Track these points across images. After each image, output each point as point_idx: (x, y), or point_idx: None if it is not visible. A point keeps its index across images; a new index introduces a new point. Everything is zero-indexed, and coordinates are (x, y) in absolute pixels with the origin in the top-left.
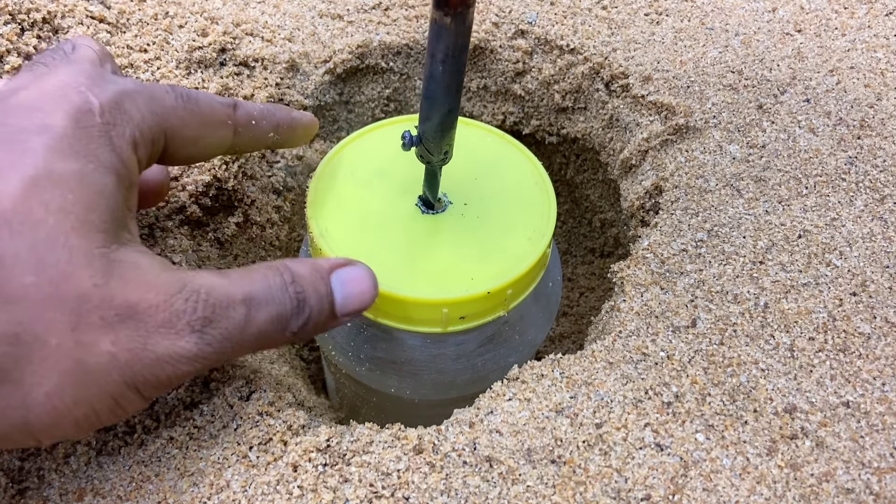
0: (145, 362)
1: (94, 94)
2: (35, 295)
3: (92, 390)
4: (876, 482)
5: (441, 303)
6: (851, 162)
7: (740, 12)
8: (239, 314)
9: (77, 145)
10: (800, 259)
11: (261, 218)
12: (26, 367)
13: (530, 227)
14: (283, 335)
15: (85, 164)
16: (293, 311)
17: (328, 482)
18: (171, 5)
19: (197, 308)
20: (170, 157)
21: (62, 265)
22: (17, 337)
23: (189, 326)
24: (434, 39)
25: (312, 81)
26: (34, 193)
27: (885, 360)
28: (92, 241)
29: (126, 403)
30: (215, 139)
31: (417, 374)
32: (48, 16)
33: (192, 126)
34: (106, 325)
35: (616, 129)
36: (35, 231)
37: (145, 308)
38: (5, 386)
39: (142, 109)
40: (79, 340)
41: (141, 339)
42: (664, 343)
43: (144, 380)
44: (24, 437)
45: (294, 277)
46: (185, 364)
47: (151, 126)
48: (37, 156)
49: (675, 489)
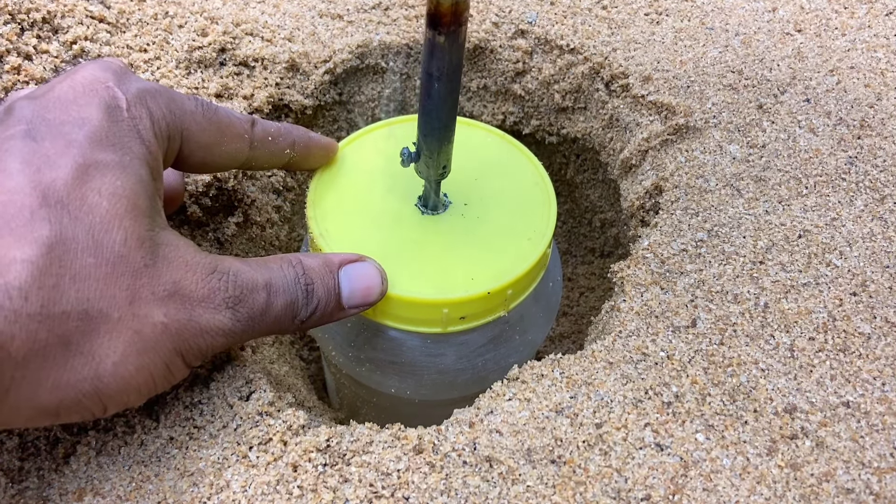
0: (192, 332)
1: (120, 89)
2: (96, 274)
3: (150, 358)
4: (876, 482)
5: (441, 303)
6: (851, 162)
7: (740, 12)
8: (261, 298)
9: (113, 138)
10: (800, 259)
11: (261, 218)
12: (94, 340)
13: (530, 227)
14: (292, 323)
15: (122, 156)
16: (303, 301)
17: (328, 482)
18: (171, 5)
19: (229, 287)
20: (185, 160)
21: (117, 247)
22: (86, 313)
23: (224, 303)
24: (428, 57)
25: (312, 81)
26: (86, 180)
27: (885, 360)
28: (141, 225)
29: (175, 370)
30: (231, 149)
31: (418, 374)
32: (48, 16)
33: (209, 132)
34: (157, 299)
35: (616, 129)
36: (91, 215)
37: (187, 285)
38: (77, 358)
39: (162, 107)
40: (136, 314)
41: (187, 311)
42: (664, 343)
43: (189, 348)
44: (94, 405)
45: (305, 269)
46: (221, 336)
47: (170, 124)
48: (82, 146)
49: (675, 489)
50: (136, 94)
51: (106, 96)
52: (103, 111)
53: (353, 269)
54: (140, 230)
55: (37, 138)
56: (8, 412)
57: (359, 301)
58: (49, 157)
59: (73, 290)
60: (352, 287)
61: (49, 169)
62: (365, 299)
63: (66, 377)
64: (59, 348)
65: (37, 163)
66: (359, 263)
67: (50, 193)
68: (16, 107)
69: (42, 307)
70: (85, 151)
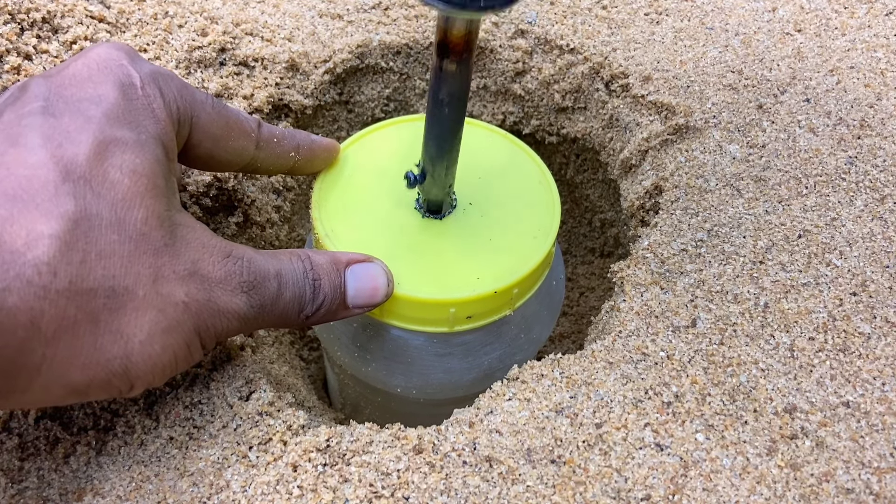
0: (210, 312)
1: (134, 68)
2: (120, 251)
3: (174, 337)
4: (876, 482)
5: (448, 302)
6: (851, 162)
7: (740, 12)
8: (273, 287)
9: (129, 116)
10: (800, 259)
11: (261, 218)
12: (122, 317)
13: (535, 225)
14: (298, 317)
15: (139, 134)
16: (310, 296)
17: (328, 482)
18: (171, 5)
19: (244, 272)
20: (192, 150)
21: (139, 224)
22: (113, 290)
23: (240, 286)
24: (437, 84)
25: (312, 81)
26: (106, 156)
27: (885, 360)
28: (160, 203)
29: (194, 351)
30: (238, 145)
31: (424, 373)
32: (48, 15)
33: (218, 124)
34: (178, 279)
35: (616, 128)
36: (113, 191)
37: (205, 266)
38: (106, 336)
39: (173, 90)
40: (159, 292)
41: (206, 292)
42: (664, 343)
43: (207, 328)
44: (122, 384)
45: (314, 265)
46: (235, 320)
47: (180, 108)
48: (100, 123)
49: (675, 489)
50: (150, 73)
51: (120, 74)
52: (118, 89)
53: (360, 269)
54: (160, 209)
55: (55, 114)
56: (39, 391)
57: (364, 301)
58: (69, 132)
59: (99, 266)
60: (357, 287)
61: (70, 144)
62: (370, 300)
63: (97, 356)
64: (88, 325)
65: (57, 138)
66: (366, 264)
67: (72, 169)
68: (31, 84)
69: (70, 283)
70: (104, 128)
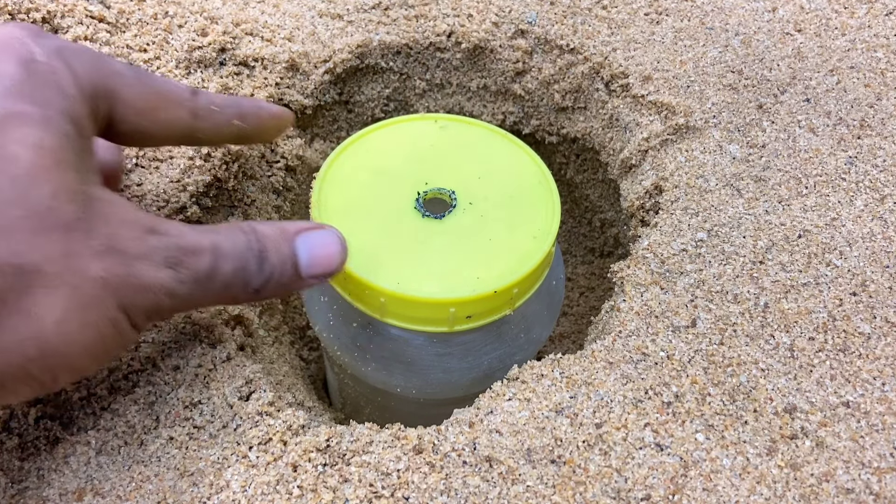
0: (132, 287)
1: (36, 44)
2: (25, 227)
3: (94, 315)
4: (876, 482)
5: (448, 302)
6: (851, 162)
7: (740, 12)
8: (206, 261)
9: (33, 91)
10: (800, 259)
11: (261, 218)
12: (31, 296)
13: (535, 225)
14: (246, 291)
15: (44, 109)
16: (255, 268)
17: (328, 482)
18: (171, 5)
19: (169, 246)
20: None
21: (46, 199)
22: (20, 268)
23: (165, 261)
24: None
25: (312, 81)
26: (5, 131)
27: (885, 360)
28: (70, 178)
29: (123, 330)
30: (169, 116)
31: (424, 373)
32: (48, 15)
33: (143, 96)
34: (94, 254)
35: (616, 128)
36: (14, 165)
37: (123, 241)
38: (15, 317)
39: (84, 65)
40: (72, 268)
41: (125, 266)
42: (664, 343)
43: (133, 305)
44: (41, 372)
45: (258, 236)
46: (165, 296)
47: (95, 82)
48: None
49: (675, 489)
50: (55, 49)
51: (22, 51)
52: (20, 65)
53: (312, 237)
54: (70, 183)
55: None
56: None
57: (320, 270)
58: None
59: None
60: (311, 255)
61: None
62: (326, 268)
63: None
64: None
65: None
66: (317, 231)
67: None
68: None
69: None
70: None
